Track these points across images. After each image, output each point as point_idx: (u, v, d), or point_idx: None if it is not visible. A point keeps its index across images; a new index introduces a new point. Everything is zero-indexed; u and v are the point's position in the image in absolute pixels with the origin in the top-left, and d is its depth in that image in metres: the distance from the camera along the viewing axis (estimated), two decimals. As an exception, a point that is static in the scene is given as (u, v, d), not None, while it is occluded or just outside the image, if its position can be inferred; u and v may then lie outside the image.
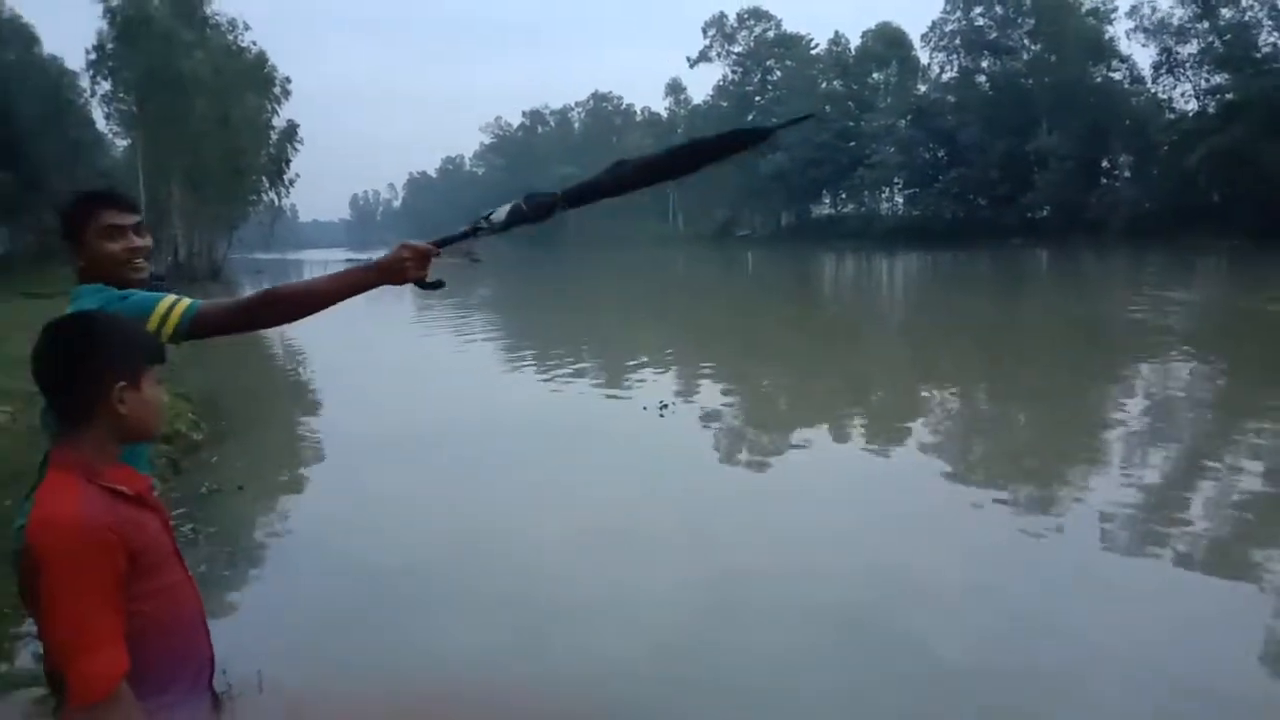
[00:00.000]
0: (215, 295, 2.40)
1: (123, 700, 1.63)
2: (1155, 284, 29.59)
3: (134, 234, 2.38)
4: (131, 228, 2.38)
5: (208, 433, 9.46)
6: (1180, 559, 5.80)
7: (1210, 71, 60.23)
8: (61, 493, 1.68)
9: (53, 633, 1.61)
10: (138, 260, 2.39)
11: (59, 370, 1.76)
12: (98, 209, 2.35)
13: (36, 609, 1.64)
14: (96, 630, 1.61)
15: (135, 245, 2.37)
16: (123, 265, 2.36)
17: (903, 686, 4.30)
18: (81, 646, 1.59)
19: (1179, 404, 11.37)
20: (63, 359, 1.76)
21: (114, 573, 1.64)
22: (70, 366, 1.75)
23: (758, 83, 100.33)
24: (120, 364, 1.77)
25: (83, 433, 1.75)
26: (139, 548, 1.71)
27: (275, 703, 3.93)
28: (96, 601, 1.61)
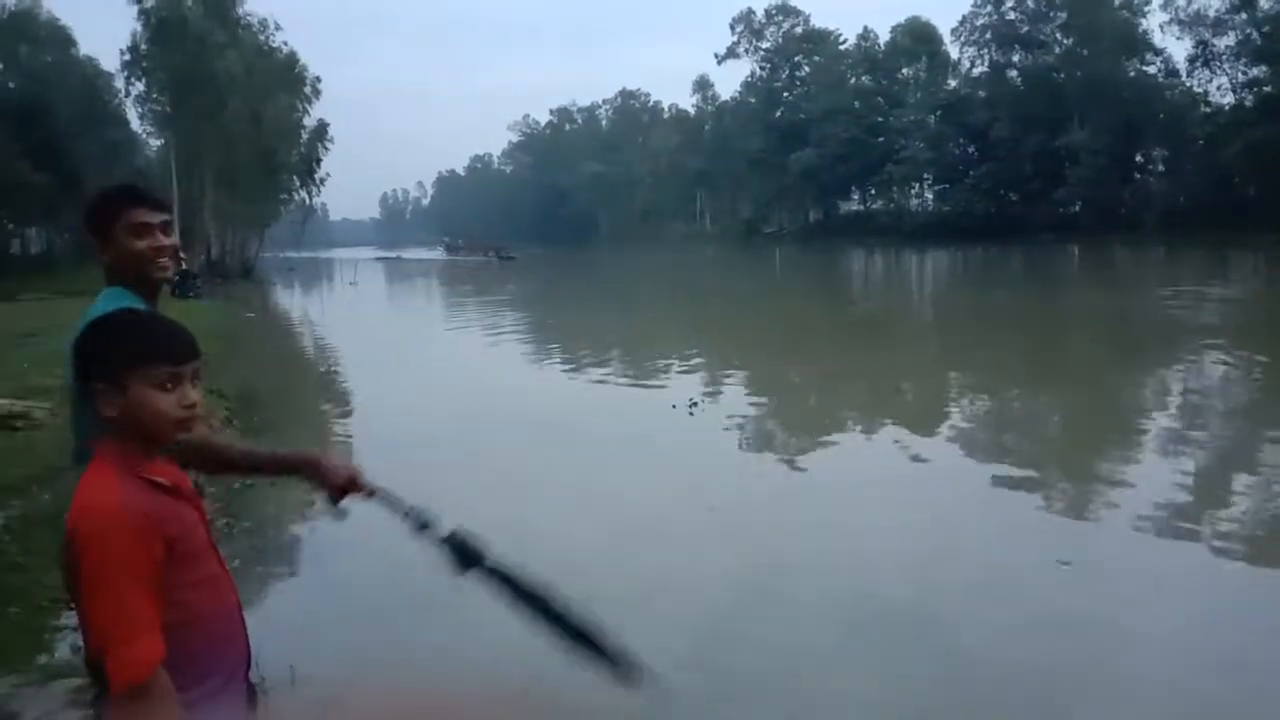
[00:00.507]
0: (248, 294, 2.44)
1: (159, 686, 1.63)
2: (1190, 280, 29.17)
3: (160, 232, 2.37)
4: (159, 226, 2.37)
5: (242, 428, 9.55)
6: (1216, 549, 5.72)
7: (1248, 64, 59.29)
8: (99, 482, 1.70)
9: (92, 619, 1.62)
10: (163, 259, 2.39)
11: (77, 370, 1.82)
12: (126, 206, 2.35)
13: (77, 598, 1.66)
14: (134, 616, 1.61)
15: (161, 244, 2.36)
16: (148, 263, 2.36)
17: (940, 677, 4.27)
18: (120, 632, 1.60)
19: (1214, 400, 11.21)
20: (78, 359, 1.82)
21: (151, 560, 1.65)
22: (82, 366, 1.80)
23: (786, 78, 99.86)
24: (99, 366, 1.76)
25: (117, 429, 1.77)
26: (175, 536, 1.72)
27: (307, 697, 3.96)
28: (134, 588, 1.62)
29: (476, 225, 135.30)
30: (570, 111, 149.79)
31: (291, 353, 20.23)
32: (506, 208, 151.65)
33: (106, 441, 1.76)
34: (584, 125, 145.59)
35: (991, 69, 76.91)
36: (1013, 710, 4.07)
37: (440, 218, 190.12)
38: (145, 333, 1.79)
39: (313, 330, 25.13)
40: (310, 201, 63.15)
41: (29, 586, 5.12)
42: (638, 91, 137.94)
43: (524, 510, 7.09)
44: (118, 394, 1.72)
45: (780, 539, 6.28)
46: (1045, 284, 32.95)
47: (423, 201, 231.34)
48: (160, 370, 1.74)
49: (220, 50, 46.14)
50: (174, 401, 1.75)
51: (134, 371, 1.72)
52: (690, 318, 25.15)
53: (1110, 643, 4.58)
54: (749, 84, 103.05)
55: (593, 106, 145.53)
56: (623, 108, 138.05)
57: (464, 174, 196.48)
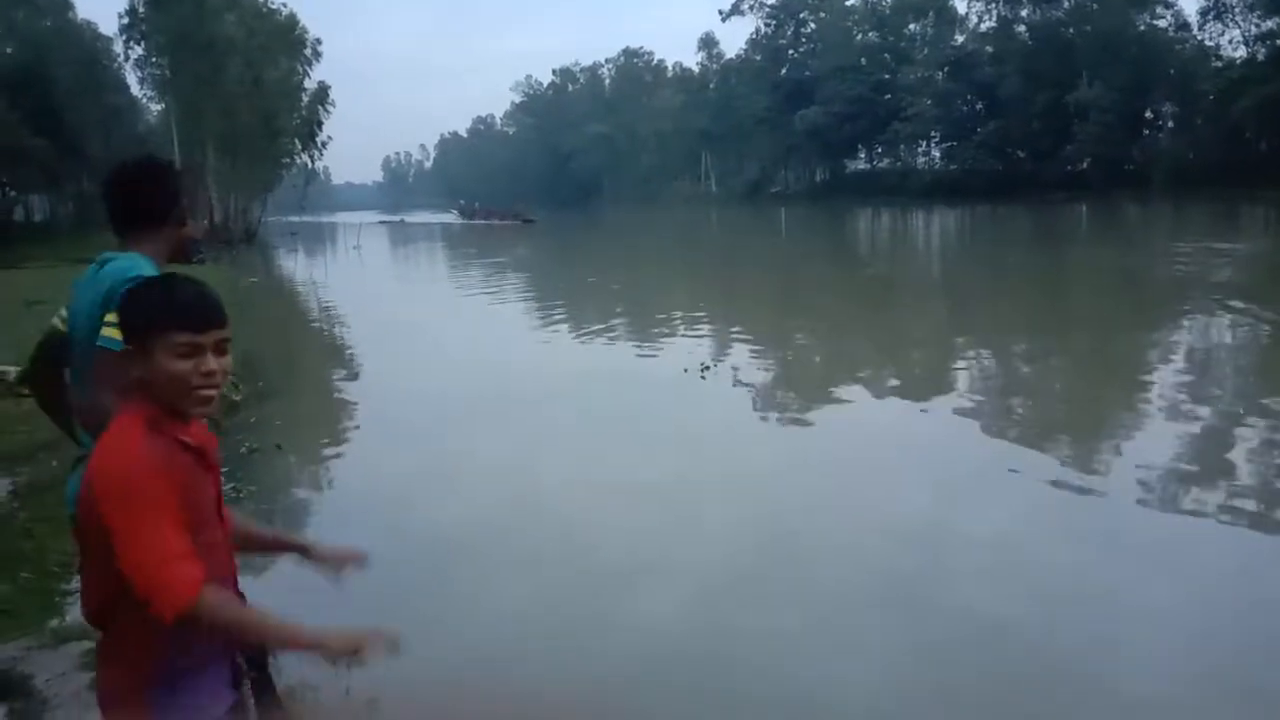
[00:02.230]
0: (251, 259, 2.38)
1: (210, 596, 1.68)
2: (1200, 236, 28.92)
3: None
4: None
5: (247, 393, 9.54)
6: (1222, 515, 5.70)
7: (1261, 17, 58.34)
8: (124, 432, 1.74)
9: (127, 558, 1.64)
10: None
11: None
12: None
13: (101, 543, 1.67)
14: (167, 546, 1.65)
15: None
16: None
17: (947, 644, 4.28)
18: (157, 560, 1.64)
19: (1223, 358, 11.15)
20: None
21: (174, 499, 1.70)
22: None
23: (791, 36, 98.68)
24: (128, 328, 1.81)
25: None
26: (189, 499, 1.75)
27: (314, 668, 3.96)
28: (163, 521, 1.66)
29: (480, 188, 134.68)
30: (573, 72, 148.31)
31: (295, 317, 20.20)
32: (510, 170, 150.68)
33: (135, 398, 1.80)
34: (587, 85, 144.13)
35: (1000, 24, 75.83)
36: (1019, 682, 4.08)
37: (443, 180, 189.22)
38: (169, 299, 1.80)
39: (316, 295, 25.08)
40: (312, 165, 62.85)
41: (39, 551, 5.14)
42: (641, 50, 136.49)
43: (532, 476, 7.10)
44: (143, 357, 1.76)
45: (792, 504, 6.28)
46: (1054, 242, 32.72)
47: (425, 164, 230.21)
48: (180, 337, 1.76)
49: (219, 12, 45.70)
50: (191, 368, 1.77)
51: (156, 336, 1.76)
52: (697, 279, 25.06)
53: (1114, 615, 4.56)
54: (754, 41, 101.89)
55: (595, 66, 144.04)
56: (626, 67, 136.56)
57: (467, 136, 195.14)
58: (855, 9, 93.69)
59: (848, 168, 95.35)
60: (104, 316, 2.34)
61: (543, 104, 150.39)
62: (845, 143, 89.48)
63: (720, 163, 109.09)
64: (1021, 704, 3.82)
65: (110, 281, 2.37)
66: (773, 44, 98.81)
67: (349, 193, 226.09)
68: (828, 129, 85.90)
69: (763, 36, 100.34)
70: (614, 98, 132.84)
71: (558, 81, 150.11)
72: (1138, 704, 3.75)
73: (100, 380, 2.32)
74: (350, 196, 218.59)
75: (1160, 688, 3.85)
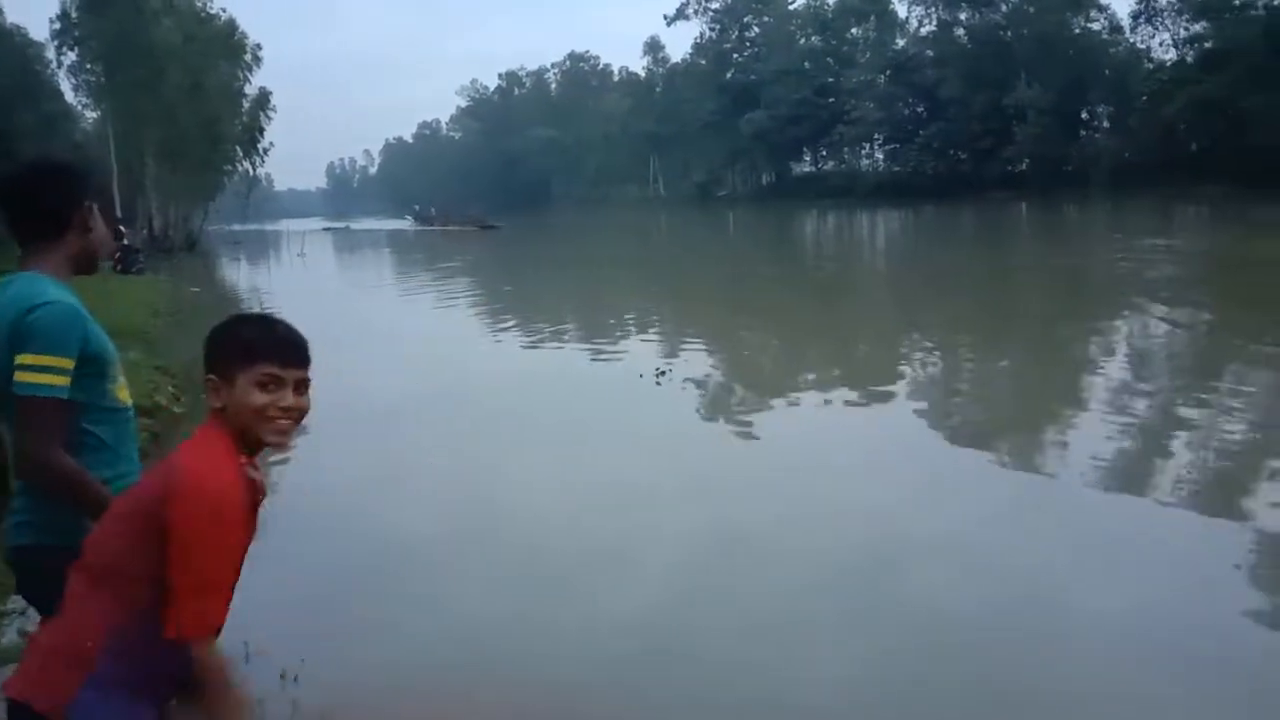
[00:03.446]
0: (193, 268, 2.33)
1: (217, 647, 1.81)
2: (1137, 234, 29.63)
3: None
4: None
5: (189, 405, 9.35)
6: (1165, 504, 5.84)
7: (1189, 20, 60.00)
8: (221, 452, 1.82)
9: (186, 569, 1.72)
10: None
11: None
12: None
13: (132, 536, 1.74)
14: (224, 576, 1.78)
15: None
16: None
17: (895, 633, 4.34)
18: (207, 585, 1.74)
19: (1158, 351, 11.43)
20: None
21: (243, 537, 1.82)
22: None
23: (736, 40, 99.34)
24: (213, 358, 1.90)
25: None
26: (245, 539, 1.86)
27: (262, 673, 3.90)
28: (229, 555, 1.78)
29: (428, 193, 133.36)
30: (519, 76, 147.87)
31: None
32: (457, 174, 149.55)
33: (217, 422, 1.87)
34: (533, 89, 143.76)
35: (939, 28, 77.05)
36: (970, 671, 4.14)
37: (389, 186, 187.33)
38: (259, 332, 1.92)
39: (261, 304, 24.67)
40: (254, 172, 61.81)
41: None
42: (586, 54, 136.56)
43: (487, 484, 7.06)
44: (226, 386, 1.86)
45: (750, 502, 6.32)
46: (996, 242, 33.32)
47: (370, 170, 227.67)
48: (264, 369, 1.86)
49: (156, 17, 44.78)
50: (271, 401, 1.87)
51: (241, 367, 1.85)
52: (649, 282, 25.07)
53: (1061, 600, 4.66)
54: (699, 45, 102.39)
55: (541, 70, 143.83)
56: (572, 71, 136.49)
57: (412, 141, 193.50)
58: (798, 13, 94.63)
59: (794, 170, 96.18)
60: (15, 358, 2.09)
61: (489, 108, 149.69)
62: (791, 146, 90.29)
63: (668, 166, 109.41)
64: (983, 699, 3.87)
65: (11, 315, 2.10)
66: (717, 48, 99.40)
67: (292, 199, 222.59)
68: (773, 132, 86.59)
69: (707, 41, 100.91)
70: (561, 102, 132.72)
71: (504, 86, 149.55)
72: (1094, 678, 3.82)
73: (32, 430, 2.09)
74: (294, 203, 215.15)
75: (1110, 664, 3.93)
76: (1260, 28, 51.90)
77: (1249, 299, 15.17)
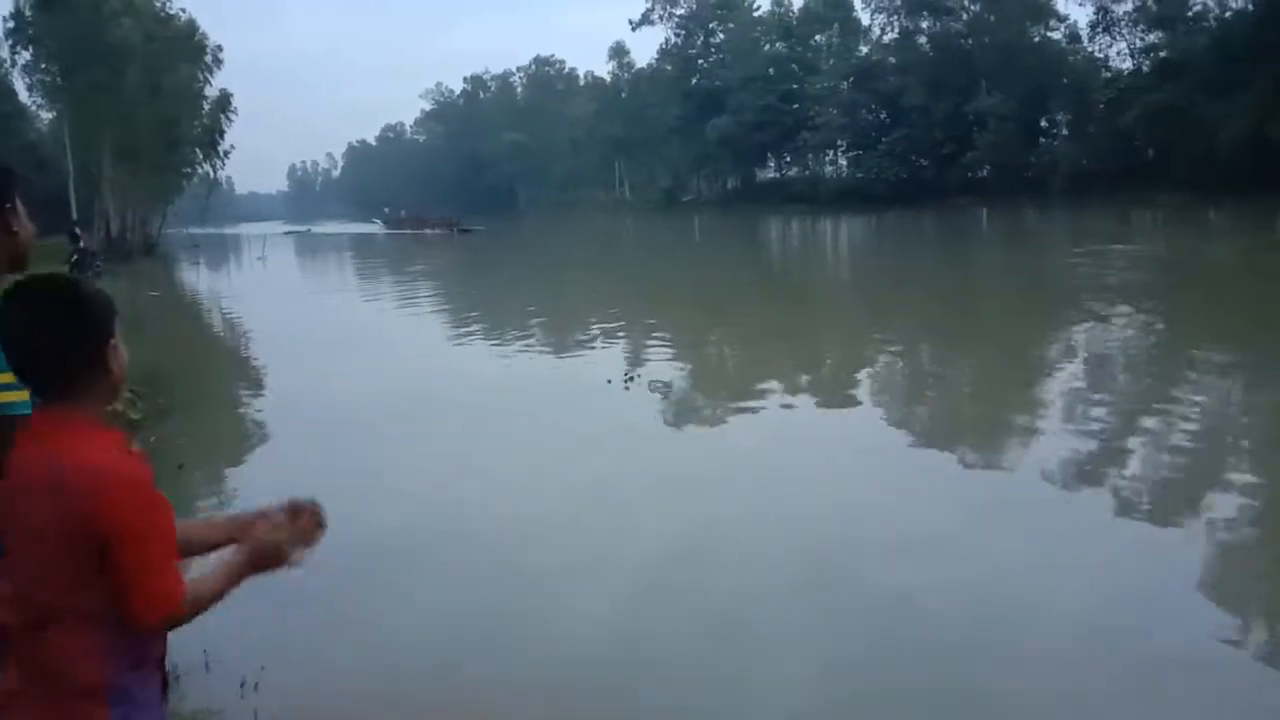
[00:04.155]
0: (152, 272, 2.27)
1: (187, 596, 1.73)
2: (1095, 240, 30.10)
3: None
4: None
5: (147, 411, 9.22)
6: (1116, 504, 5.95)
7: (1144, 30, 61.06)
8: (105, 443, 1.74)
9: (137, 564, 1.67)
10: None
11: (58, 336, 1.72)
12: None
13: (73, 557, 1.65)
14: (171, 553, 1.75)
15: None
16: None
17: (857, 623, 4.41)
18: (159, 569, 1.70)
19: (1114, 353, 11.62)
20: (61, 323, 1.73)
21: (169, 514, 1.76)
22: (71, 329, 1.74)
23: (701, 45, 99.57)
24: (109, 319, 1.80)
25: (85, 398, 1.76)
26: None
27: (221, 682, 3.86)
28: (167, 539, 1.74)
29: (392, 197, 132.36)
30: (484, 79, 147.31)
31: (198, 332, 19.63)
32: (422, 178, 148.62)
33: (81, 410, 1.75)
34: (498, 93, 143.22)
35: (902, 35, 77.74)
36: (936, 671, 4.18)
37: (352, 189, 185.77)
38: (102, 296, 1.81)
39: (220, 308, 24.40)
40: (214, 175, 60.92)
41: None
42: (552, 58, 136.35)
43: (459, 491, 7.03)
44: (104, 369, 1.78)
45: (719, 506, 6.36)
46: (957, 247, 33.70)
47: (333, 173, 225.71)
48: (118, 332, 1.81)
49: (114, 17, 44.09)
50: (124, 360, 1.83)
51: (109, 338, 1.79)
52: (618, 287, 25.07)
53: (1016, 589, 4.74)
54: (665, 51, 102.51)
55: (506, 74, 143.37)
56: (537, 75, 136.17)
57: (375, 144, 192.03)
58: (763, 20, 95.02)
59: (758, 176, 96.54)
60: None
61: (454, 111, 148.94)
62: (756, 151, 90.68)
63: (634, 171, 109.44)
64: (948, 698, 3.92)
65: None
66: (683, 54, 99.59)
67: (254, 203, 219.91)
68: (738, 138, 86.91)
69: (673, 46, 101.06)
70: (526, 106, 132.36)
71: (469, 89, 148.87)
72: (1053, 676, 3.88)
73: None
74: (255, 206, 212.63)
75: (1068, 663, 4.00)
76: (1212, 39, 53.07)
77: (1200, 301, 15.49)
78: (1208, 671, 3.98)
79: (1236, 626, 4.34)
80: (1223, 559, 5.17)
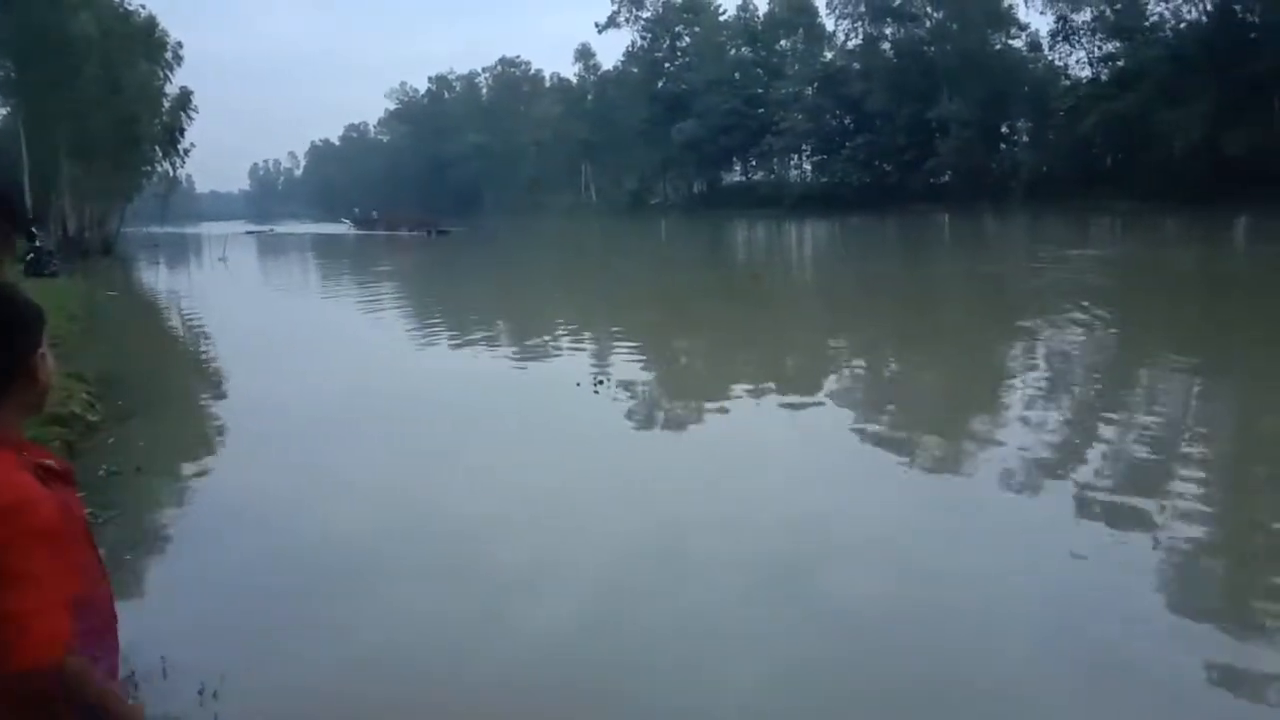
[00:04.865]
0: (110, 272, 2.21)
1: (75, 662, 1.58)
2: (1054, 245, 30.56)
3: None
4: None
5: (104, 414, 9.09)
6: (1072, 507, 6.04)
7: (1103, 40, 62.16)
8: (7, 463, 1.62)
9: (20, 600, 1.54)
10: None
11: None
12: None
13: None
14: (55, 595, 1.57)
15: None
16: None
17: (818, 627, 4.45)
18: (33, 611, 1.55)
19: (1072, 357, 11.80)
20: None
21: (60, 545, 1.62)
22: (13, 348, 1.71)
23: (667, 49, 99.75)
24: (37, 329, 1.74)
25: (9, 408, 1.70)
26: (76, 530, 1.72)
27: (180, 689, 3.82)
28: (50, 571, 1.58)
29: (356, 197, 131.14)
30: (449, 80, 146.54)
31: (157, 334, 19.35)
32: (385, 178, 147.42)
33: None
34: (463, 94, 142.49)
35: (866, 41, 78.42)
36: (887, 664, 4.24)
37: (316, 189, 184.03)
38: (29, 309, 1.75)
39: (180, 309, 24.06)
40: (174, 173, 60.14)
41: None
42: (518, 59, 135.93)
43: (429, 497, 7.00)
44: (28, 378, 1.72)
45: (691, 508, 6.39)
46: (919, 252, 34.06)
47: (296, 173, 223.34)
48: (44, 343, 1.76)
49: (73, 11, 43.35)
50: (51, 370, 1.77)
51: (34, 349, 1.73)
52: (588, 291, 25.08)
53: (974, 594, 4.81)
54: (631, 54, 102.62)
55: (472, 75, 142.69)
56: (503, 76, 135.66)
57: (339, 144, 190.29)
58: (728, 24, 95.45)
59: (724, 180, 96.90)
60: None
61: (419, 111, 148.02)
62: (721, 155, 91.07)
63: (601, 173, 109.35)
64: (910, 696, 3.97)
65: None
66: (649, 57, 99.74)
67: (214, 202, 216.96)
68: (704, 141, 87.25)
69: (639, 49, 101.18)
70: (492, 107, 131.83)
71: (434, 89, 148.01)
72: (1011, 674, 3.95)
73: None
74: (216, 206, 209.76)
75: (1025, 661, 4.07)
76: (1168, 49, 54.17)
77: (1159, 307, 15.79)
78: (1156, 675, 4.06)
79: (1191, 629, 4.43)
80: (1176, 559, 5.27)
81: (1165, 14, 57.81)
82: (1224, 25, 50.72)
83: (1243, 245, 30.93)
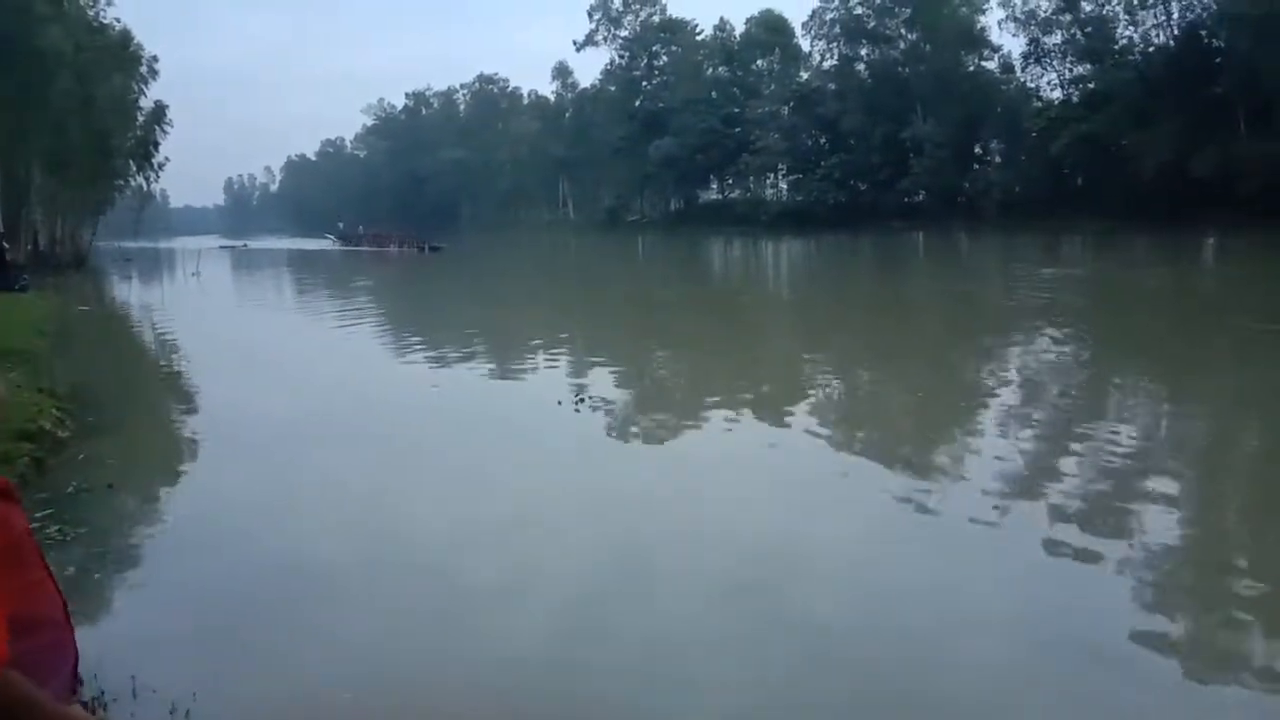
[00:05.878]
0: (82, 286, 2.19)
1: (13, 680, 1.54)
2: (1026, 264, 30.92)
3: None
4: None
5: (75, 429, 8.99)
6: (1045, 523, 6.10)
7: (1073, 62, 63.10)
8: None
9: None
10: None
11: None
12: None
13: None
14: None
15: None
16: None
17: (787, 643, 4.47)
18: None
19: (1042, 374, 11.94)
20: None
21: None
22: None
23: (645, 67, 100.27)
24: None
25: None
26: (4, 544, 1.65)
27: (151, 709, 3.78)
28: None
29: (333, 212, 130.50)
30: (426, 96, 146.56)
31: (129, 348, 19.16)
32: (362, 194, 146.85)
33: None
34: (441, 110, 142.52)
35: (841, 62, 79.21)
36: (860, 677, 4.26)
37: (291, 204, 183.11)
38: None
39: (153, 324, 23.84)
40: (148, 187, 59.62)
41: None
42: (496, 76, 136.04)
43: (408, 513, 6.97)
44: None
45: (672, 524, 6.43)
46: (893, 270, 34.32)
47: (271, 188, 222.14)
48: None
49: (43, 24, 43.02)
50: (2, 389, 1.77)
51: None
52: (568, 308, 25.07)
53: (949, 610, 4.85)
54: (609, 72, 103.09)
55: (450, 91, 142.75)
56: (480, 93, 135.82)
57: (316, 159, 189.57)
58: (705, 43, 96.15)
59: (700, 198, 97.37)
60: None
61: (396, 127, 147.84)
62: (698, 173, 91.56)
63: (578, 190, 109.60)
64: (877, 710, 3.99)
65: None
66: (627, 75, 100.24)
67: (188, 216, 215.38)
68: (681, 159, 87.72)
69: (617, 67, 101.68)
70: (469, 123, 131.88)
71: (411, 105, 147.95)
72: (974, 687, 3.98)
73: None
74: (190, 220, 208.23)
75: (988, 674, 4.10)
76: (1137, 72, 55.14)
77: (1129, 326, 15.99)
78: (1130, 692, 4.11)
79: (1160, 637, 4.48)
80: (1147, 572, 5.34)
81: (1134, 37, 58.87)
82: (1190, 48, 51.69)
83: (1212, 265, 31.46)
